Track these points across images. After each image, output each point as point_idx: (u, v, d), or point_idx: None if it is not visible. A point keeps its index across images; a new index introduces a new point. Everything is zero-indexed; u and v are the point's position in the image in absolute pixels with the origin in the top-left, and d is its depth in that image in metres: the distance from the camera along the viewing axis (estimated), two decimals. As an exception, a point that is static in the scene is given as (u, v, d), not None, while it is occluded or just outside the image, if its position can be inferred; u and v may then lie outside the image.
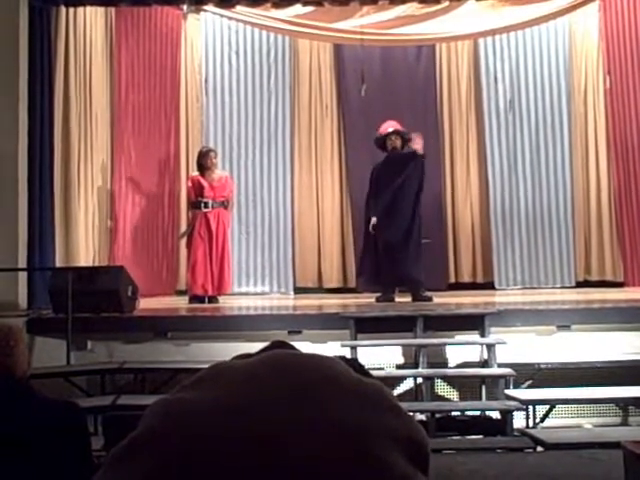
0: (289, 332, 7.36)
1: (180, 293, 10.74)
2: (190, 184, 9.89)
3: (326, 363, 1.06)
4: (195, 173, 9.91)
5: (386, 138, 9.31)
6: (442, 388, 7.46)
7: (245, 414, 0.97)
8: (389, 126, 9.37)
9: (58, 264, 8.85)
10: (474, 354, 7.34)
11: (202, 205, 9.64)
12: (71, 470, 2.95)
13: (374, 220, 9.07)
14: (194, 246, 9.65)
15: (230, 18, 10.84)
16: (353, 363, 1.12)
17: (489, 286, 11.18)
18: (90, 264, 9.50)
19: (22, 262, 8.35)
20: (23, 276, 8.38)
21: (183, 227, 10.82)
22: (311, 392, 1.00)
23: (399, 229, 9.00)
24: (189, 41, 11.54)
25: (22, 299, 8.29)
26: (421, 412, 6.67)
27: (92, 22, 9.99)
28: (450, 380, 7.43)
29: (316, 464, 0.94)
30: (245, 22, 10.82)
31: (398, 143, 9.28)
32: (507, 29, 10.71)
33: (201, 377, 1.05)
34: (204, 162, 9.77)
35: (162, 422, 0.99)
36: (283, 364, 1.05)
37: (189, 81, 11.54)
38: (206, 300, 9.60)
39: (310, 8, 10.00)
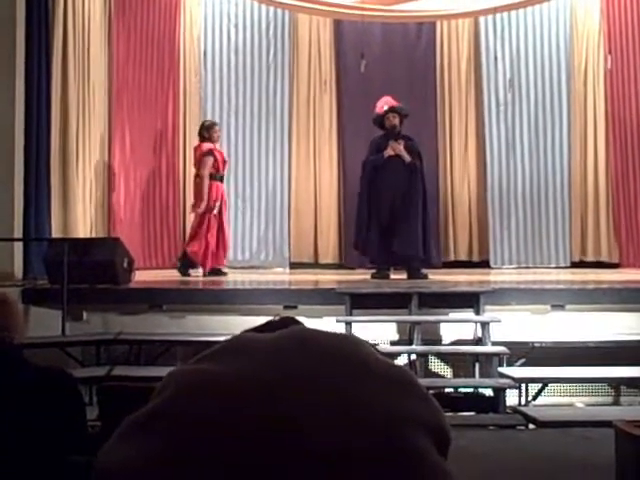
0: (285, 307, 7.38)
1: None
2: (215, 156, 9.72)
3: (352, 344, 1.04)
4: (210, 144, 9.74)
5: (384, 117, 9.19)
6: (436, 365, 7.50)
7: (271, 391, 0.95)
8: (384, 103, 9.21)
9: (55, 235, 8.84)
10: (468, 332, 7.36)
11: (219, 178, 9.66)
12: (65, 438, 2.96)
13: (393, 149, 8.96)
14: (212, 220, 9.61)
15: (230, -9, 10.78)
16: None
17: (484, 265, 11.20)
18: (87, 236, 9.49)
19: (18, 232, 8.35)
20: (19, 246, 8.39)
21: (186, 200, 10.90)
22: (341, 374, 0.98)
23: (407, 205, 8.94)
24: (188, 14, 11.46)
25: (18, 269, 8.30)
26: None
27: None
28: (444, 357, 7.46)
29: (347, 449, 0.92)
30: (245, -5, 10.77)
31: (396, 121, 9.13)
32: (508, 7, 10.66)
33: (222, 348, 1.03)
34: (212, 135, 9.70)
35: (184, 392, 0.97)
36: (309, 342, 1.02)
37: (188, 54, 11.47)
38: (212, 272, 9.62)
39: (311, -18, 9.95)
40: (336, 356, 1.01)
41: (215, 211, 9.60)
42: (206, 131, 9.80)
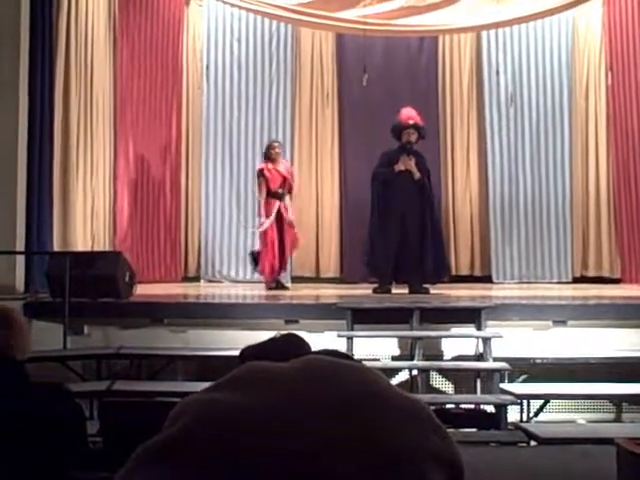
0: (286, 321, 7.37)
1: (189, 279, 10.92)
2: (265, 175, 9.72)
3: (369, 377, 1.02)
4: (263, 164, 9.79)
5: (404, 129, 9.16)
6: (437, 381, 7.48)
7: (287, 423, 0.93)
8: (410, 117, 9.16)
9: (56, 248, 8.85)
10: (470, 347, 7.35)
11: (274, 195, 9.64)
12: (66, 454, 2.95)
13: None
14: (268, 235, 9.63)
15: (233, 5, 10.82)
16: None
17: (486, 279, 11.19)
18: (88, 249, 9.49)
19: (20, 246, 8.35)
20: (21, 260, 8.38)
21: (192, 213, 11.10)
22: (358, 407, 0.96)
23: (417, 221, 8.95)
24: (191, 27, 11.51)
25: (19, 283, 8.29)
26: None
27: (94, 6, 9.95)
28: (445, 373, 7.44)
29: None
30: (247, 9, 10.80)
31: (414, 137, 9.13)
32: (510, 22, 10.69)
33: (237, 377, 1.01)
34: (269, 153, 9.72)
35: (199, 423, 0.95)
36: (325, 373, 1.01)
37: (190, 68, 11.52)
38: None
39: (313, -4, 9.99)
40: (353, 388, 0.99)
41: (261, 228, 9.62)
42: (266, 150, 9.86)
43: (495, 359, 6.99)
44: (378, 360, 7.19)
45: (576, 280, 11.15)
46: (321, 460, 0.91)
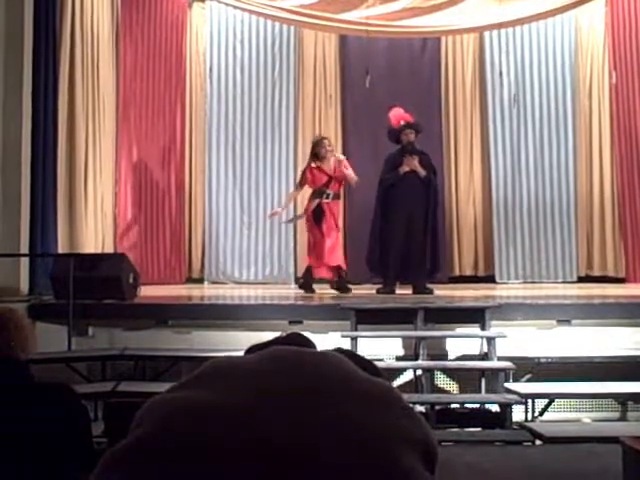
0: (290, 322, 7.37)
1: (193, 281, 10.95)
2: (306, 176, 9.61)
3: (333, 362, 1.02)
4: (310, 164, 9.55)
5: (400, 132, 9.19)
6: (442, 380, 7.47)
7: (251, 415, 0.93)
8: (400, 118, 9.21)
9: (61, 250, 8.86)
10: (474, 347, 7.35)
11: (319, 195, 9.49)
12: (70, 455, 2.95)
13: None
14: (311, 232, 9.63)
15: (235, 7, 10.83)
16: (361, 360, 1.10)
17: (490, 279, 11.18)
18: (94, 251, 9.50)
19: (24, 248, 8.37)
20: (25, 262, 8.40)
21: (196, 215, 11.17)
22: (323, 394, 0.96)
23: (424, 220, 8.97)
24: (194, 29, 11.53)
25: (24, 285, 8.31)
26: (421, 404, 6.68)
27: (98, 9, 9.97)
28: (450, 372, 7.44)
29: (331, 470, 0.91)
30: (250, 11, 10.81)
31: (412, 136, 9.12)
32: (513, 23, 10.69)
33: (200, 374, 1.02)
34: (319, 151, 9.42)
35: (164, 423, 0.95)
36: (289, 362, 1.01)
37: (194, 70, 11.53)
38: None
39: (316, -2, 10.00)
40: (317, 375, 0.99)
41: (271, 215, 9.98)
42: (313, 148, 9.56)
43: (499, 358, 6.99)
44: (382, 360, 7.18)
45: (581, 279, 11.14)
46: (284, 446, 0.91)
